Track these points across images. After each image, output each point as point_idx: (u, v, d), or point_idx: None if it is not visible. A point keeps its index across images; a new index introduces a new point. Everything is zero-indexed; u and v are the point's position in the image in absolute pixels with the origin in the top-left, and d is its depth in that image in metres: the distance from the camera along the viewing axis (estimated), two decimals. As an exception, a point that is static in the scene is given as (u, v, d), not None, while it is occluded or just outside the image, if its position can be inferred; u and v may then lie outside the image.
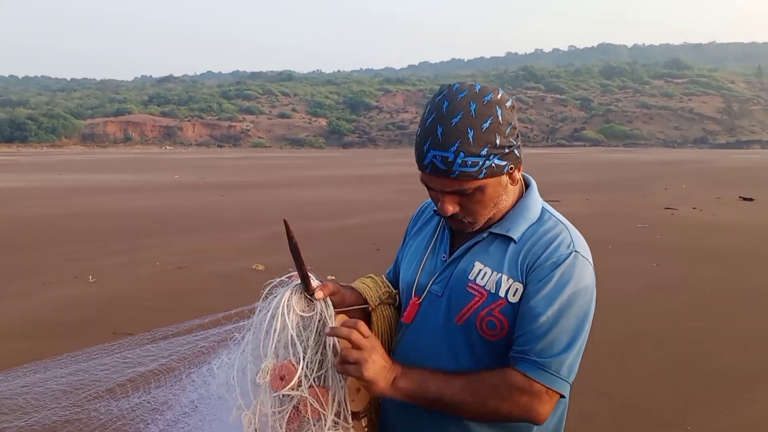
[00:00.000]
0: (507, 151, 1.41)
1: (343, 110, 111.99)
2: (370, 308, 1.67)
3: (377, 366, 1.36)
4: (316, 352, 1.45)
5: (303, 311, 1.47)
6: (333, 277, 1.72)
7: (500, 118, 1.38)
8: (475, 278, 1.47)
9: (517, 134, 1.45)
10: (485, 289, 1.45)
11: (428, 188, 1.48)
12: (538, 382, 1.38)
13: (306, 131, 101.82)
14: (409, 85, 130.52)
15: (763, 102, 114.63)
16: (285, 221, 1.51)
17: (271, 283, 1.51)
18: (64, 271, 8.61)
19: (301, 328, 1.46)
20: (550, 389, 1.39)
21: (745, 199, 17.94)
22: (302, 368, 1.40)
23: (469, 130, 1.35)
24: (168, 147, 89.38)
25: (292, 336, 1.42)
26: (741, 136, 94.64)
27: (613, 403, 4.53)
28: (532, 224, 1.51)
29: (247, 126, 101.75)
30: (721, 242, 11.04)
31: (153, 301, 7.18)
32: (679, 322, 6.41)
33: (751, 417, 4.33)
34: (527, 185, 1.58)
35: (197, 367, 1.65)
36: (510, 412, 1.39)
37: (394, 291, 1.73)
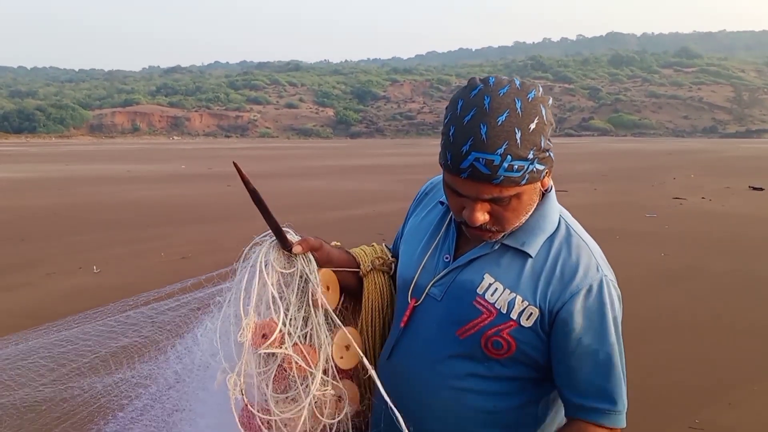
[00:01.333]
0: (547, 154, 1.29)
1: (350, 100, 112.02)
2: (362, 273, 1.61)
3: None
4: (299, 309, 1.41)
5: (283, 268, 1.42)
6: (338, 243, 1.67)
7: (545, 117, 1.25)
8: (483, 293, 1.37)
9: (550, 139, 1.31)
10: (495, 308, 1.35)
11: (454, 195, 1.33)
12: (616, 428, 1.35)
13: (313, 121, 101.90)
14: (416, 75, 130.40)
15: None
16: (235, 163, 1.45)
17: (252, 243, 1.46)
18: (69, 262, 8.60)
19: (283, 286, 1.41)
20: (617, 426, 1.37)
21: (754, 188, 17.79)
22: (282, 324, 1.35)
23: (516, 131, 1.21)
24: (175, 137, 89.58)
25: (272, 293, 1.37)
26: (751, 125, 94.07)
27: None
28: (549, 236, 1.39)
29: (254, 116, 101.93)
30: (731, 232, 10.94)
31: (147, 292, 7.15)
32: (688, 313, 6.34)
33: (761, 411, 4.26)
34: (545, 192, 1.44)
35: (181, 337, 1.60)
36: None
37: (390, 260, 1.65)
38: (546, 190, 1.43)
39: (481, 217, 1.30)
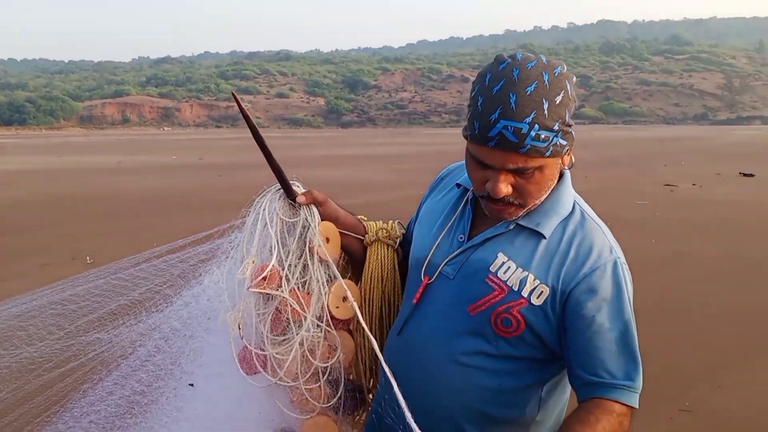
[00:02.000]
0: (570, 130, 1.33)
1: (341, 89, 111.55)
2: (366, 242, 1.66)
3: None
4: (300, 257, 1.46)
5: (286, 216, 1.48)
6: (364, 217, 1.74)
7: (570, 93, 1.30)
8: (496, 271, 1.39)
9: (573, 116, 1.35)
10: (507, 285, 1.37)
11: (478, 167, 1.35)
12: (631, 406, 1.37)
13: (304, 111, 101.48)
14: (407, 63, 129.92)
15: (764, 77, 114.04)
16: (233, 94, 1.53)
17: (262, 191, 1.52)
18: (62, 253, 8.60)
19: (285, 233, 1.46)
20: (632, 404, 1.37)
21: (745, 175, 17.90)
22: (274, 266, 1.41)
23: (544, 102, 1.25)
24: (166, 128, 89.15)
25: (273, 237, 1.42)
26: (742, 112, 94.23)
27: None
28: (563, 219, 1.42)
29: (245, 106, 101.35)
30: (721, 218, 11.02)
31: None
32: (678, 298, 6.40)
33: (750, 392, 4.32)
34: (561, 174, 1.47)
35: (189, 288, 1.63)
36: None
37: (396, 234, 1.69)
38: (561, 174, 1.46)
39: (505, 188, 1.32)
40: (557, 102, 1.27)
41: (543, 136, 1.26)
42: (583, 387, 1.37)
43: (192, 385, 1.53)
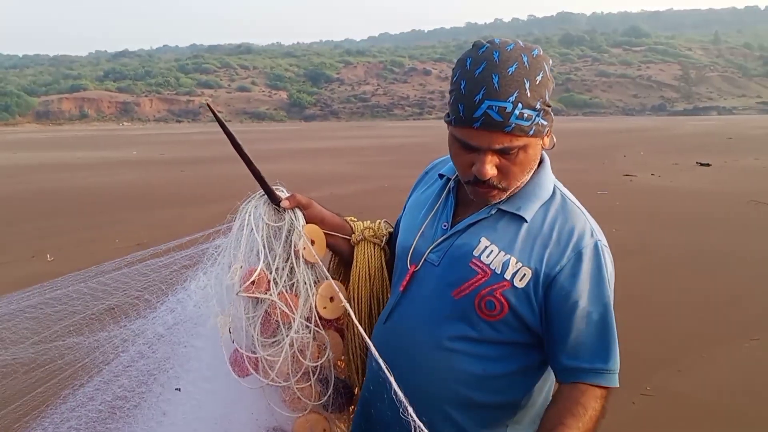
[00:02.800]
0: (550, 110, 1.37)
1: (303, 83, 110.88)
2: (352, 241, 1.69)
3: None
4: (286, 260, 1.49)
5: (272, 221, 1.51)
6: (353, 218, 1.78)
7: (548, 73, 1.34)
8: (480, 255, 1.41)
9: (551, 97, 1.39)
10: (489, 268, 1.39)
11: (463, 151, 1.38)
12: (611, 387, 1.40)
13: (266, 104, 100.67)
14: (369, 56, 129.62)
15: (720, 68, 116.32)
16: (209, 104, 1.54)
17: (247, 197, 1.57)
18: (21, 250, 8.44)
19: (272, 238, 1.50)
20: (610, 384, 1.41)
21: (702, 164, 18.25)
22: (262, 270, 1.44)
23: (525, 81, 1.29)
24: (125, 123, 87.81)
25: (260, 242, 1.46)
26: (698, 102, 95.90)
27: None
28: (544, 203, 1.45)
29: (205, 100, 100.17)
30: (679, 207, 11.24)
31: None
32: (639, 286, 6.51)
33: (709, 377, 4.43)
34: (541, 160, 1.50)
35: (173, 294, 1.64)
36: (598, 423, 1.39)
37: (383, 233, 1.72)
38: (541, 160, 1.49)
39: (491, 170, 1.35)
40: (538, 81, 1.31)
41: (526, 115, 1.29)
42: (564, 371, 1.41)
43: (179, 389, 1.54)
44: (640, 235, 8.85)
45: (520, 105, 1.28)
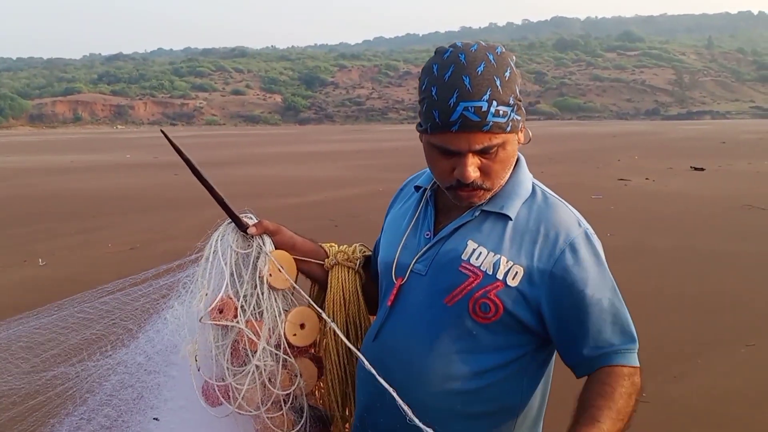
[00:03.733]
0: (521, 105, 1.37)
1: (298, 86, 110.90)
2: (326, 266, 1.66)
3: None
4: (255, 287, 1.48)
5: (240, 248, 1.50)
6: (333, 244, 1.75)
7: (514, 69, 1.34)
8: (468, 258, 1.39)
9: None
10: (480, 270, 1.37)
11: (442, 157, 1.36)
12: (635, 366, 1.39)
13: (261, 108, 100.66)
14: (364, 60, 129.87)
15: (713, 73, 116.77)
16: (162, 131, 1.54)
17: (216, 226, 1.56)
18: (13, 255, 8.38)
19: (241, 265, 1.49)
20: (637, 363, 1.40)
21: (696, 168, 18.28)
22: (230, 297, 1.44)
23: (495, 79, 1.29)
24: (119, 126, 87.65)
25: (227, 270, 1.45)
26: (692, 107, 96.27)
27: (568, 370, 4.57)
28: (526, 200, 1.45)
29: (200, 103, 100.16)
30: (674, 211, 11.24)
31: (106, 283, 7.02)
32: (633, 290, 6.48)
33: (704, 382, 4.41)
34: (516, 160, 1.49)
35: (151, 322, 1.63)
36: (636, 401, 1.37)
37: (357, 256, 1.68)
38: (516, 160, 1.48)
39: (474, 172, 1.34)
40: (507, 78, 1.31)
41: (502, 111, 1.29)
42: (585, 362, 1.39)
43: (157, 419, 1.53)
44: (634, 239, 8.84)
45: (495, 102, 1.28)
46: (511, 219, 1.41)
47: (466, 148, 1.32)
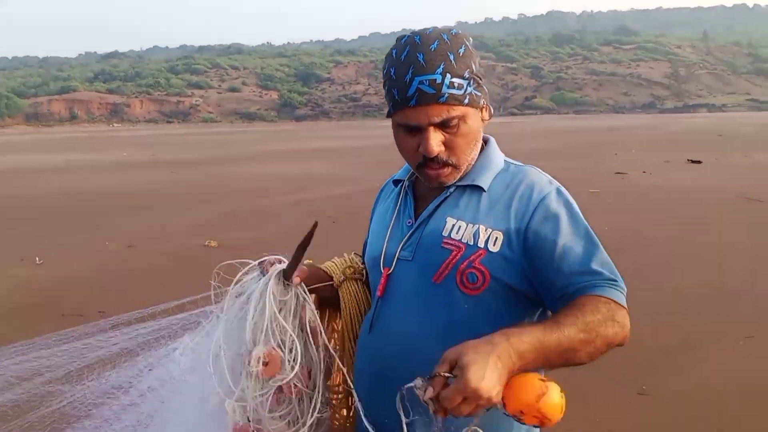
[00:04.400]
0: (481, 82, 1.41)
1: (294, 83, 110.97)
2: (335, 285, 1.65)
3: (496, 377, 1.13)
4: (296, 335, 1.47)
5: (282, 296, 1.48)
6: (310, 260, 1.70)
7: (470, 48, 1.39)
8: (449, 234, 1.42)
9: (482, 75, 1.44)
10: (462, 242, 1.40)
11: (407, 135, 1.41)
12: (617, 300, 1.35)
13: (257, 105, 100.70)
14: (360, 56, 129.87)
15: (709, 66, 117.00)
16: (316, 224, 1.52)
17: (243, 265, 1.53)
18: (9, 254, 8.35)
19: (281, 314, 1.47)
20: (623, 301, 1.36)
21: (693, 161, 18.30)
22: (275, 350, 1.42)
23: (449, 54, 1.34)
24: (116, 124, 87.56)
25: (274, 322, 1.43)
26: (688, 100, 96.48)
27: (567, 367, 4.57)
28: (498, 173, 1.49)
29: (196, 101, 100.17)
30: (671, 204, 11.25)
31: (103, 282, 7.01)
32: (632, 284, 6.40)
33: (704, 376, 4.41)
34: (486, 142, 1.55)
35: (155, 349, 1.60)
36: (615, 334, 1.31)
37: (360, 266, 1.69)
38: (486, 142, 1.54)
39: (437, 146, 1.38)
40: (461, 54, 1.36)
41: (457, 84, 1.35)
42: (563, 298, 1.36)
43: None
44: (631, 232, 8.84)
45: (448, 75, 1.33)
46: (484, 190, 1.46)
47: (426, 121, 1.36)
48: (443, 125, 1.37)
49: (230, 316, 1.46)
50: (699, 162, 18.06)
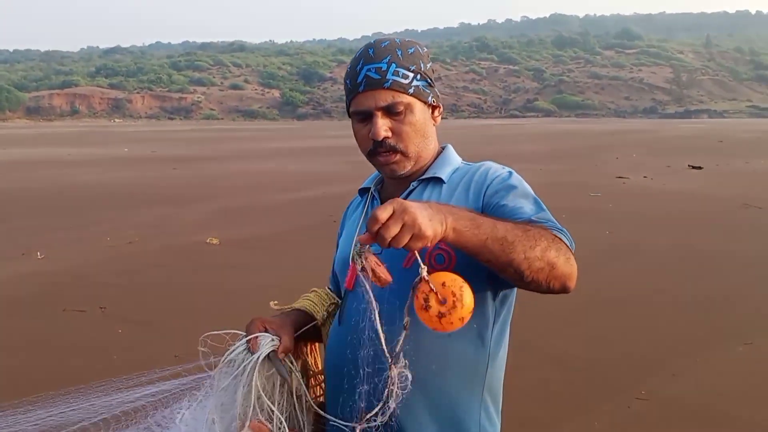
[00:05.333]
0: (429, 81, 1.51)
1: (296, 81, 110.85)
2: (319, 323, 1.65)
3: (426, 214, 1.20)
4: (282, 404, 1.53)
5: (268, 371, 1.51)
6: (275, 303, 1.70)
7: (421, 52, 1.52)
8: None
9: (434, 80, 1.55)
10: None
11: (360, 124, 1.52)
12: (560, 239, 1.34)
13: (259, 103, 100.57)
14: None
15: (711, 72, 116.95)
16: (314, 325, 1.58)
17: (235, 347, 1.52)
18: (11, 248, 8.36)
19: (270, 384, 1.52)
20: (570, 247, 1.36)
21: (693, 167, 18.31)
22: (262, 422, 1.46)
23: (397, 50, 1.47)
24: (117, 120, 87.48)
25: (260, 399, 1.47)
26: (690, 105, 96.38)
27: (567, 369, 4.58)
28: (457, 168, 1.59)
29: (198, 98, 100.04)
30: (672, 209, 11.26)
31: (104, 277, 7.02)
32: (632, 288, 6.51)
33: (703, 380, 4.42)
34: (444, 148, 1.65)
35: (161, 410, 1.62)
36: (557, 258, 1.30)
37: (339, 301, 1.68)
38: (445, 146, 1.64)
39: (383, 130, 1.48)
40: (410, 52, 1.49)
41: (402, 73, 1.46)
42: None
43: None
44: (632, 237, 8.86)
45: (394, 65, 1.45)
46: (444, 181, 1.55)
47: (373, 104, 1.46)
48: (389, 111, 1.47)
49: (221, 388, 1.50)
50: (700, 168, 18.07)
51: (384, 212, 1.18)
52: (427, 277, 1.21)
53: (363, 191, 1.71)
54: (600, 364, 4.66)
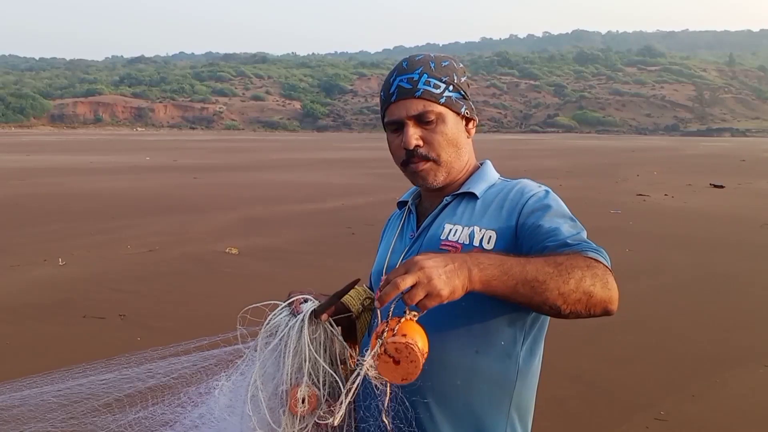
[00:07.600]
0: (463, 94, 1.54)
1: (317, 93, 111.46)
2: (354, 316, 1.66)
3: (444, 271, 1.18)
4: (328, 371, 1.52)
5: (313, 334, 1.50)
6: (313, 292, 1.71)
7: (456, 65, 1.54)
8: (447, 236, 1.50)
9: (468, 94, 1.56)
10: (458, 243, 1.47)
11: (394, 134, 1.54)
12: (597, 260, 1.33)
13: (280, 114, 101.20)
14: (384, 69, 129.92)
15: (734, 90, 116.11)
16: (356, 281, 1.51)
17: (280, 308, 1.52)
18: (33, 254, 8.45)
19: (313, 350, 1.51)
20: (608, 266, 1.35)
21: (715, 186, 18.15)
22: (311, 389, 1.46)
23: (431, 63, 1.51)
24: (139, 128, 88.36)
25: (310, 362, 1.47)
26: (712, 123, 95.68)
27: (585, 388, 4.55)
28: (493, 184, 1.59)
29: (220, 108, 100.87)
30: (693, 228, 11.16)
31: (124, 284, 7.07)
32: (651, 307, 6.46)
33: (722, 402, 4.37)
34: (482, 164, 1.66)
35: (195, 385, 1.63)
36: (594, 286, 1.29)
37: (374, 295, 1.70)
38: (483, 162, 1.65)
39: (414, 138, 1.49)
40: (444, 65, 1.52)
41: (433, 83, 1.48)
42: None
43: None
44: (653, 255, 8.79)
45: (426, 75, 1.48)
46: (478, 197, 1.55)
47: (404, 113, 1.49)
48: (420, 120, 1.49)
49: (264, 355, 1.49)
50: (722, 186, 17.91)
51: (399, 279, 1.17)
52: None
53: (401, 204, 1.74)
54: (619, 384, 4.62)
